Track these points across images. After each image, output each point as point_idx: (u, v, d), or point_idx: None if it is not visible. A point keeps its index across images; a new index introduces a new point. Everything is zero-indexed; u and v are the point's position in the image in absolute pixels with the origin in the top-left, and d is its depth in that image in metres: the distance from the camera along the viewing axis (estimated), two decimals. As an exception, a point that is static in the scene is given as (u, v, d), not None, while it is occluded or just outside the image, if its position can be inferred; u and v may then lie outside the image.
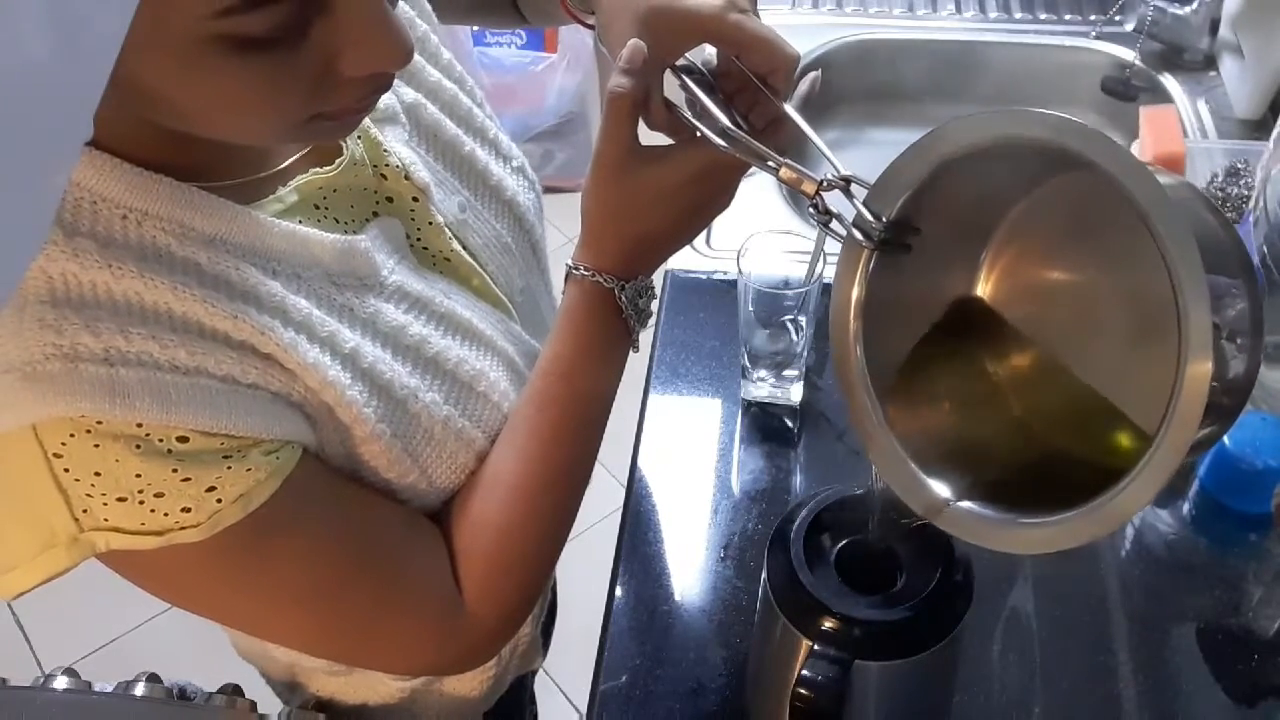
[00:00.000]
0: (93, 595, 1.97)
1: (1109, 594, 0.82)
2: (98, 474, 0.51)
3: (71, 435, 0.50)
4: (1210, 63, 1.28)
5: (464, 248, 0.71)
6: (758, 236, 0.89)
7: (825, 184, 0.56)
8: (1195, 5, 1.25)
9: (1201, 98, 1.25)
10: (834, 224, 0.56)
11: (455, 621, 0.65)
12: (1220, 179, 1.07)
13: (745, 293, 0.88)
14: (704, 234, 1.12)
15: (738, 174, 0.63)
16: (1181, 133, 1.04)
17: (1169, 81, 1.28)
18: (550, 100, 2.47)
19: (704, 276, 1.08)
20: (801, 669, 0.63)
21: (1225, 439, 0.82)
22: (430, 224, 0.68)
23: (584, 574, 1.10)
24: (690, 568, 0.85)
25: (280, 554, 0.58)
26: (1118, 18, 1.34)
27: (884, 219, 0.54)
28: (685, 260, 1.09)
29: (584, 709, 0.80)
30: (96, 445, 0.51)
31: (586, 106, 2.55)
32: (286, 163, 0.62)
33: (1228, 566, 0.85)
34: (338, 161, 0.64)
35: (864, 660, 0.63)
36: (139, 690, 0.72)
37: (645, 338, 0.96)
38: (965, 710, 0.77)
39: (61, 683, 0.71)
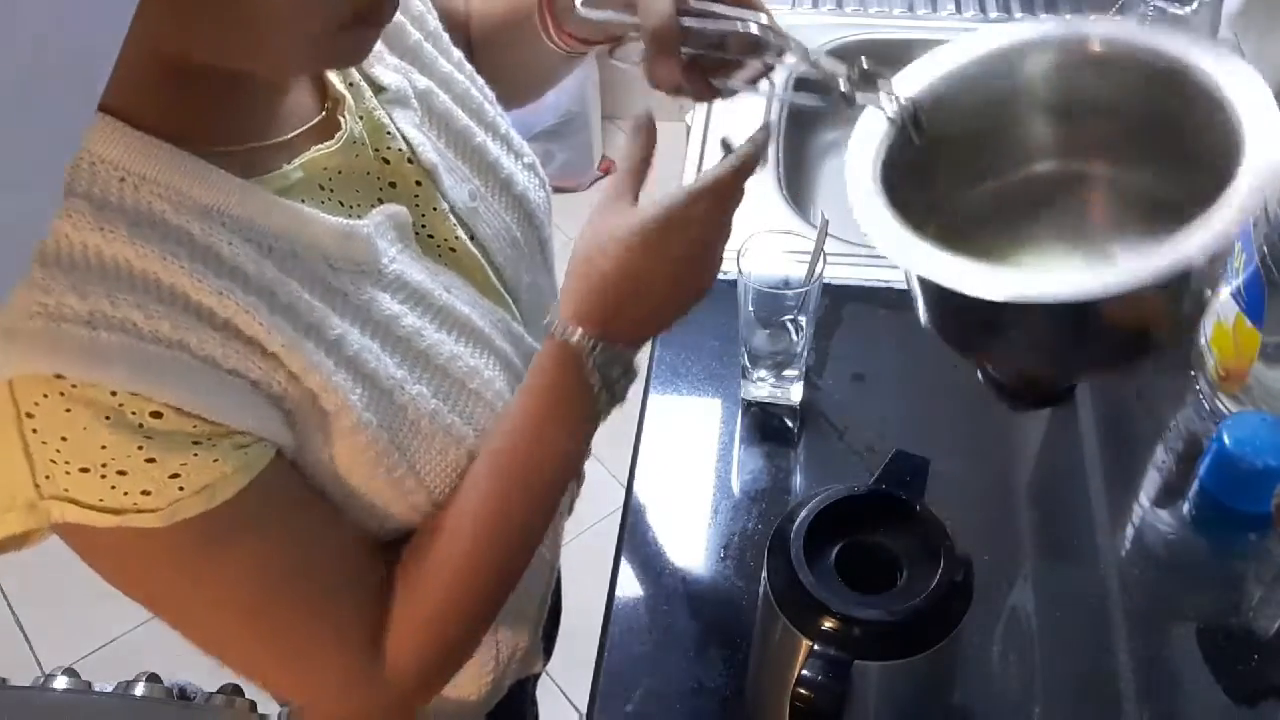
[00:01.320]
0: (93, 595, 1.97)
1: (1109, 594, 0.82)
2: (64, 439, 0.50)
3: (45, 396, 0.50)
4: (1210, 63, 1.28)
5: (472, 238, 0.70)
6: (758, 236, 0.89)
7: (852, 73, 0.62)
8: (1195, 5, 1.25)
9: (1201, 98, 1.25)
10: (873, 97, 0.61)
11: (370, 671, 0.63)
12: (1220, 179, 1.07)
13: (745, 293, 0.88)
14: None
15: (719, 229, 0.64)
16: (1181, 133, 1.04)
17: (1169, 81, 1.28)
18: (550, 100, 2.46)
19: (704, 276, 1.07)
20: (801, 669, 0.63)
21: (1225, 438, 0.83)
22: (435, 210, 0.68)
23: (584, 574, 1.10)
24: (690, 568, 0.85)
25: (228, 557, 0.57)
26: (1117, 18, 1.34)
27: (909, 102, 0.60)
28: (685, 260, 1.09)
29: (584, 709, 0.80)
30: (68, 410, 0.50)
31: (586, 106, 2.55)
32: (290, 135, 0.62)
33: (1228, 566, 0.85)
34: (337, 136, 0.63)
35: (864, 660, 0.63)
36: (139, 690, 0.72)
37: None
38: (965, 710, 0.77)
39: (61, 683, 0.71)
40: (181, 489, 0.53)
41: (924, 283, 0.60)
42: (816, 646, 0.63)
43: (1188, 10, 1.25)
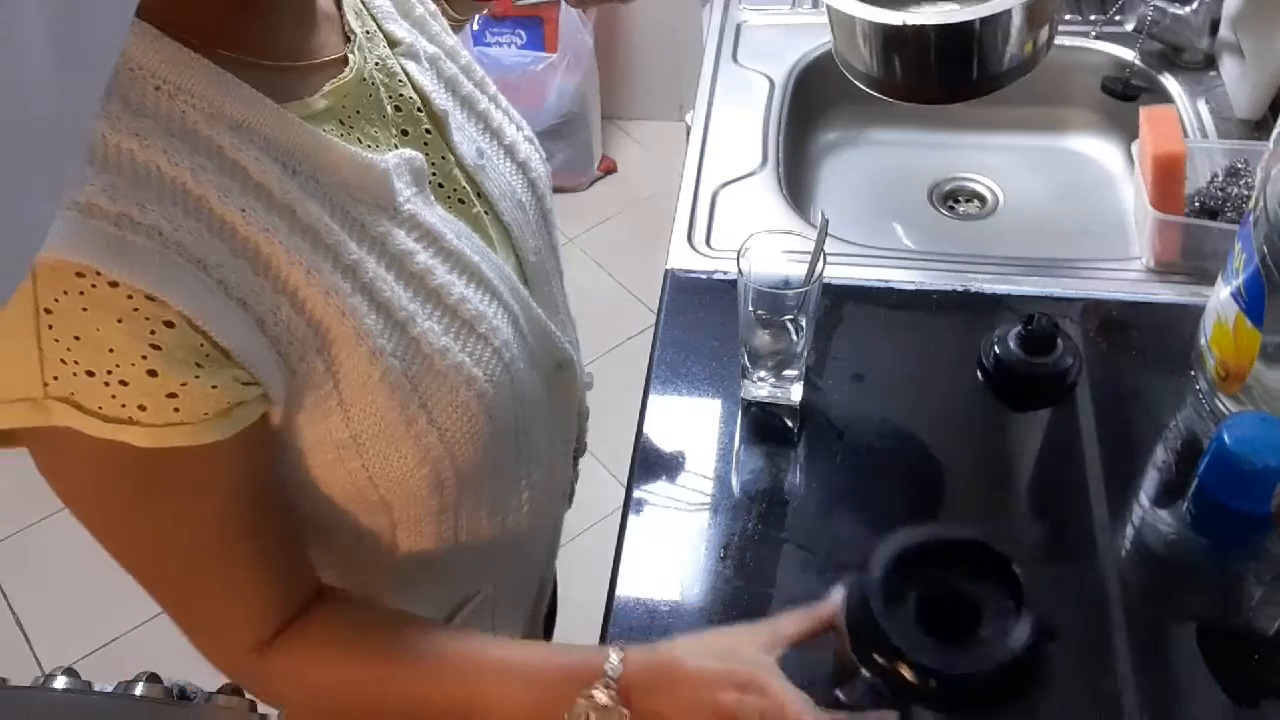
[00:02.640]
0: (93, 595, 1.98)
1: (1109, 594, 0.82)
2: (77, 338, 0.51)
3: (65, 293, 0.51)
4: (1210, 63, 1.28)
5: (479, 195, 0.72)
6: (758, 236, 0.89)
7: None
8: (1195, 5, 1.25)
9: (1201, 98, 1.25)
10: None
11: (259, 659, 0.66)
12: (1220, 179, 1.07)
13: (745, 293, 0.88)
14: (704, 233, 1.12)
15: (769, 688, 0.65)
16: (1181, 133, 1.04)
17: (1169, 81, 1.28)
18: (550, 100, 2.47)
19: (704, 276, 1.08)
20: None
21: (1225, 438, 0.82)
22: (445, 159, 0.70)
23: (584, 574, 1.10)
24: (690, 568, 0.85)
25: (193, 503, 0.59)
26: (1118, 18, 1.34)
27: None
28: (685, 260, 1.09)
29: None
30: (85, 309, 0.51)
31: (586, 107, 2.55)
32: (315, 62, 0.64)
33: (1228, 566, 0.85)
34: (349, 67, 0.65)
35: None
36: (139, 690, 0.72)
37: (645, 338, 0.96)
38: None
39: (61, 683, 0.71)
40: (177, 410, 0.54)
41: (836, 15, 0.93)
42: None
43: (1188, 10, 1.25)
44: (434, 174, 0.69)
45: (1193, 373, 0.96)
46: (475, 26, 2.44)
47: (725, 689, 0.64)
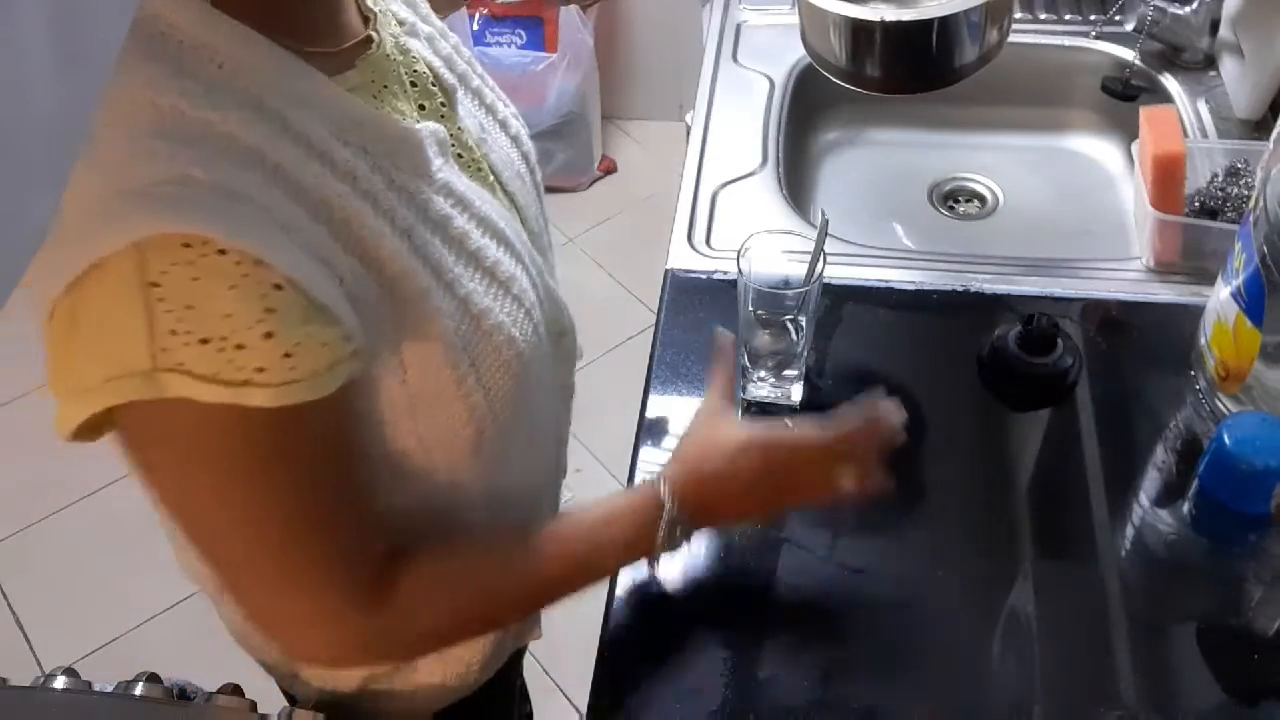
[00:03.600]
0: (93, 595, 1.98)
1: (1109, 594, 0.82)
2: (189, 308, 0.52)
3: (174, 264, 0.52)
4: (1210, 63, 1.28)
5: (488, 166, 0.75)
6: (758, 236, 0.89)
7: None
8: (1195, 5, 1.25)
9: (1201, 98, 1.25)
10: None
11: (362, 617, 0.66)
12: (1220, 179, 1.07)
13: (745, 293, 0.88)
14: (704, 233, 1.12)
15: (810, 480, 0.76)
16: (1181, 133, 1.04)
17: (1169, 81, 1.28)
18: (550, 100, 2.47)
19: (704, 276, 1.08)
20: None
21: (1225, 438, 0.82)
22: (460, 129, 0.73)
23: (584, 574, 1.10)
24: (690, 568, 0.85)
25: (302, 463, 0.60)
26: (1118, 18, 1.34)
27: None
28: (685, 260, 1.09)
29: (584, 709, 0.80)
30: (195, 279, 0.52)
31: (586, 107, 2.55)
32: (345, 45, 0.65)
33: (1228, 566, 0.85)
34: (375, 45, 0.67)
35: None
36: (139, 690, 0.72)
37: (645, 338, 0.96)
38: (965, 710, 0.77)
39: (61, 683, 0.71)
40: (293, 369, 0.55)
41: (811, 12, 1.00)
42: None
43: (1188, 10, 1.25)
44: (453, 144, 0.71)
45: (1193, 373, 0.96)
46: (475, 26, 2.44)
47: (755, 474, 0.74)
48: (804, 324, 0.90)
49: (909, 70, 1.02)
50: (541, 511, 0.90)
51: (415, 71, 0.71)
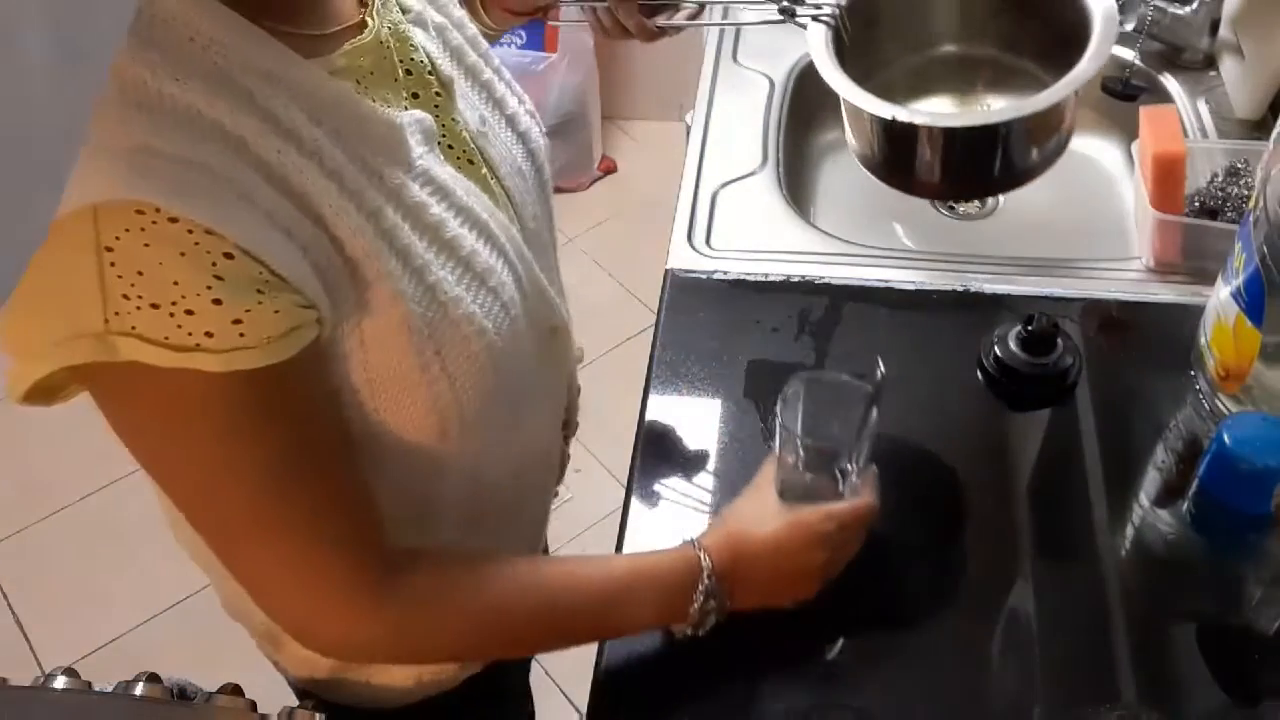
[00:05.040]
0: (93, 595, 1.98)
1: (1109, 594, 0.82)
2: (140, 273, 0.53)
3: (127, 230, 0.52)
4: (1210, 63, 1.28)
5: (483, 159, 0.74)
6: (799, 379, 0.78)
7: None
8: (1195, 5, 1.25)
9: (1201, 98, 1.25)
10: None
11: (378, 589, 0.66)
12: (1220, 179, 1.07)
13: (787, 442, 0.77)
14: (704, 233, 1.12)
15: (842, 553, 0.77)
16: (1181, 133, 1.04)
17: (1169, 81, 1.28)
18: (550, 100, 2.47)
19: (704, 276, 1.08)
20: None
21: (1225, 438, 0.82)
22: (453, 122, 0.72)
23: (584, 574, 1.10)
24: (690, 568, 0.85)
25: (266, 429, 0.60)
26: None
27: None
28: (685, 260, 1.09)
29: (584, 709, 0.80)
30: (147, 245, 0.53)
31: (586, 107, 2.55)
32: (334, 29, 0.66)
33: (1228, 566, 0.85)
34: (367, 30, 0.67)
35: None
36: (139, 690, 0.72)
37: (645, 338, 0.96)
38: (965, 710, 0.77)
39: (61, 683, 0.71)
40: (243, 335, 0.55)
41: (853, 111, 0.92)
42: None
43: (1188, 10, 1.25)
44: (443, 136, 0.71)
45: (1193, 373, 0.96)
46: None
47: (801, 549, 0.74)
48: (852, 474, 0.79)
49: (904, 168, 0.94)
50: (528, 511, 0.90)
51: (412, 60, 0.71)
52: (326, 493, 0.64)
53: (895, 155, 0.93)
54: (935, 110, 0.99)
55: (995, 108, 0.98)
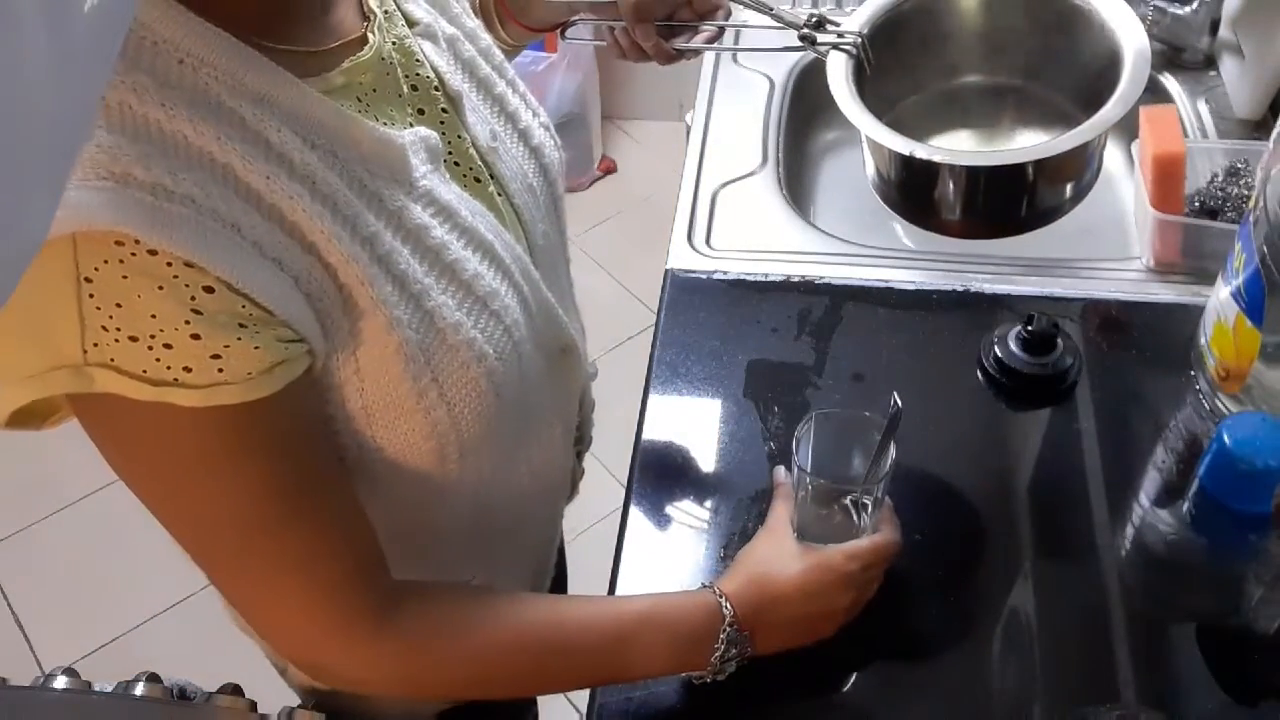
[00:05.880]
0: (93, 595, 1.97)
1: (1109, 594, 0.82)
2: (119, 305, 0.52)
3: (105, 262, 0.51)
4: (1210, 63, 1.28)
5: (491, 177, 0.73)
6: (816, 414, 0.78)
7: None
8: (1195, 5, 1.25)
9: (1201, 98, 1.25)
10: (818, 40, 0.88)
11: (366, 621, 0.65)
12: (1220, 179, 1.07)
13: (801, 484, 0.76)
14: (704, 233, 1.12)
15: (862, 593, 0.76)
16: (1181, 133, 1.04)
17: (1169, 81, 1.28)
18: (550, 100, 2.47)
19: (704, 276, 1.08)
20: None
21: (1225, 438, 0.82)
22: (460, 139, 0.71)
23: (584, 574, 1.10)
24: (690, 568, 0.85)
25: (250, 462, 0.59)
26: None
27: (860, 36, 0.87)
28: (685, 260, 1.09)
29: (584, 710, 0.80)
30: (125, 277, 0.52)
31: (586, 107, 2.55)
32: (333, 44, 0.64)
33: (1228, 566, 0.85)
34: (368, 46, 0.66)
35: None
36: (139, 690, 0.72)
37: (645, 338, 0.96)
38: (965, 710, 0.77)
39: (61, 683, 0.71)
40: (221, 370, 0.54)
41: (874, 145, 0.87)
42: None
43: (1188, 10, 1.25)
44: (450, 153, 0.70)
45: (1193, 373, 0.96)
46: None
47: (826, 591, 0.73)
48: (869, 511, 0.77)
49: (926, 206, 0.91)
50: (535, 532, 0.90)
51: (418, 75, 0.69)
52: (319, 526, 0.63)
53: (915, 192, 0.90)
54: (957, 147, 0.94)
55: (1021, 142, 0.94)
